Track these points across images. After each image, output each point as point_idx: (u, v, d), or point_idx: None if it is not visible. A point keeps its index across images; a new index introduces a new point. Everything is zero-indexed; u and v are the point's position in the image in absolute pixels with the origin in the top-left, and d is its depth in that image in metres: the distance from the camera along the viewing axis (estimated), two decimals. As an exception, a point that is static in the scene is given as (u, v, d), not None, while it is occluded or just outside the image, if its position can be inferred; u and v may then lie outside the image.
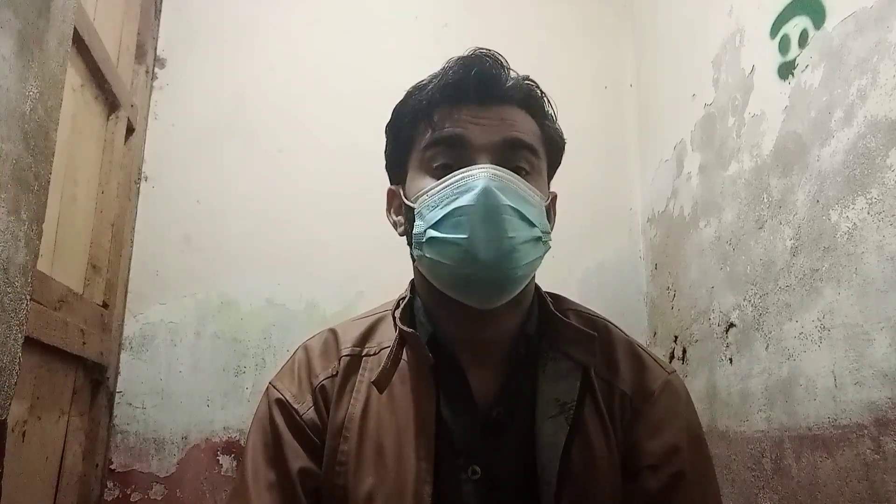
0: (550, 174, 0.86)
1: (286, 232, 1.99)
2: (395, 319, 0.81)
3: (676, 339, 1.82)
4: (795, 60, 1.30)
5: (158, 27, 2.09)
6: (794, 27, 1.31)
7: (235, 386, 1.86)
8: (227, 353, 1.89)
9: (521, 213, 0.73)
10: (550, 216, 0.83)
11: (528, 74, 0.82)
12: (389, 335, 0.82)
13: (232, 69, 2.09)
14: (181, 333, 1.89)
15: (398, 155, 0.84)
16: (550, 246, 0.79)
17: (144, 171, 1.99)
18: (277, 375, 0.85)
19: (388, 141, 0.87)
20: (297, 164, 2.04)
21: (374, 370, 0.80)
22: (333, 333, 0.86)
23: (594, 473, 0.75)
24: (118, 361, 1.83)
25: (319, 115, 2.08)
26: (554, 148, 0.85)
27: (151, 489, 1.77)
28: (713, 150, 1.64)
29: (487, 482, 0.75)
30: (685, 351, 1.76)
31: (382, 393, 0.77)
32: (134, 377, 1.83)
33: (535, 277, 0.83)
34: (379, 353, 0.82)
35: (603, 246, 2.11)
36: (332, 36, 2.16)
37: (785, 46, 1.33)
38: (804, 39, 1.27)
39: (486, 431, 0.76)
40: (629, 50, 2.28)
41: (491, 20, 2.22)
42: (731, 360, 1.51)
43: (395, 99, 0.86)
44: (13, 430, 1.22)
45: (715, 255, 1.60)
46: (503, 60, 0.80)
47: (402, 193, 0.82)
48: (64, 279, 1.43)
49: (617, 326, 0.88)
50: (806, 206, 1.24)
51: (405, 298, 0.84)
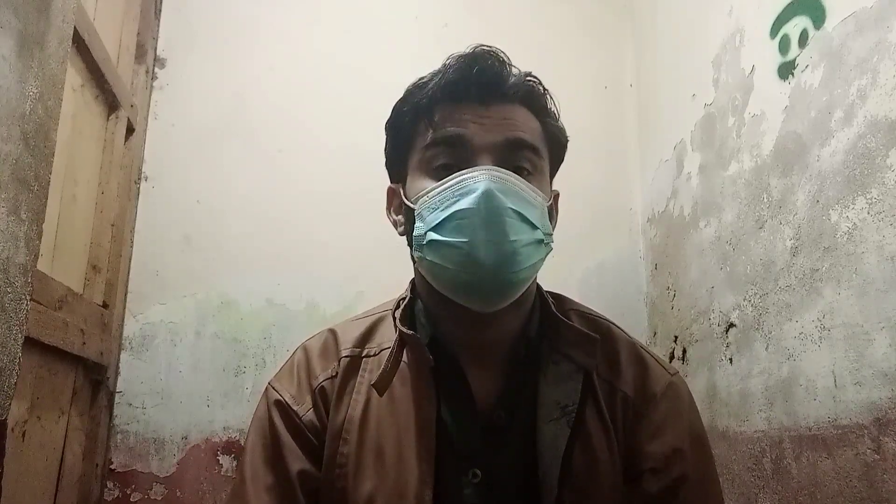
0: (553, 172, 0.84)
1: (286, 232, 1.99)
2: (395, 320, 0.80)
3: (676, 339, 1.82)
4: (795, 60, 1.30)
5: (158, 27, 2.09)
6: (794, 27, 1.31)
7: (235, 386, 1.86)
8: (227, 353, 1.89)
9: (522, 215, 0.72)
10: (553, 215, 0.82)
11: (530, 71, 0.81)
12: (390, 336, 0.81)
13: (232, 69, 2.09)
14: (181, 333, 1.89)
15: (398, 154, 0.83)
16: (552, 247, 0.78)
17: (144, 171, 1.99)
18: (276, 376, 0.84)
19: (387, 139, 0.85)
20: (297, 164, 2.04)
21: (374, 371, 0.79)
22: (333, 334, 0.85)
23: (595, 477, 0.74)
24: (118, 361, 1.83)
25: (319, 115, 2.08)
26: (556, 146, 0.83)
27: (151, 489, 1.77)
28: (713, 150, 1.64)
29: (488, 485, 0.74)
30: (685, 351, 1.76)
31: (382, 396, 0.76)
32: (134, 377, 1.84)
33: (536, 278, 0.82)
34: (379, 354, 0.81)
35: (603, 246, 2.11)
36: (332, 36, 2.16)
37: (785, 46, 1.33)
38: (804, 39, 1.27)
39: (486, 434, 0.76)
40: (629, 50, 2.28)
41: (491, 20, 2.22)
42: (731, 360, 1.51)
43: (395, 99, 0.85)
44: (13, 430, 1.22)
45: (715, 255, 1.60)
46: (505, 57, 0.78)
47: (402, 193, 0.81)
48: (64, 279, 1.43)
49: (619, 327, 0.87)
50: (806, 206, 1.24)
51: (405, 299, 0.83)
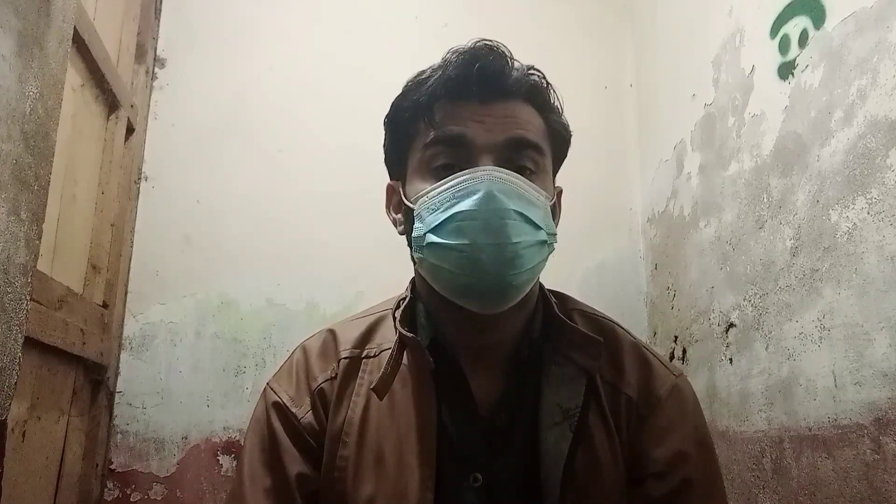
0: (556, 169, 0.82)
1: (286, 232, 1.99)
2: (395, 321, 0.79)
3: (676, 339, 1.82)
4: (795, 60, 1.29)
5: (158, 27, 2.09)
6: (794, 27, 1.30)
7: (235, 386, 1.86)
8: (227, 353, 1.89)
9: (525, 216, 0.70)
10: (556, 212, 0.80)
11: (532, 64, 0.79)
12: (390, 336, 0.79)
13: (232, 69, 2.09)
14: (181, 333, 1.89)
15: (397, 151, 0.81)
16: (555, 247, 0.76)
17: (144, 171, 1.99)
18: (275, 376, 0.83)
19: (386, 135, 0.83)
20: (297, 164, 2.04)
21: (374, 373, 0.78)
22: (332, 334, 0.83)
23: (598, 481, 0.73)
24: (118, 361, 1.83)
25: (319, 115, 2.08)
26: (560, 142, 0.81)
27: (151, 489, 1.77)
28: (713, 150, 1.64)
29: (489, 490, 0.73)
30: (685, 351, 1.76)
31: (382, 400, 0.75)
32: (134, 377, 1.84)
33: (539, 278, 0.81)
34: (379, 355, 0.80)
35: (603, 246, 2.11)
36: (332, 36, 2.16)
37: (785, 46, 1.33)
38: (804, 39, 1.27)
39: (488, 438, 0.75)
40: (629, 50, 2.28)
41: (491, 20, 2.22)
42: (731, 360, 1.51)
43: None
44: (13, 430, 1.22)
45: (715, 255, 1.60)
46: (507, 52, 0.76)
47: (401, 191, 0.80)
48: (64, 279, 1.43)
49: (623, 328, 0.85)
50: (806, 206, 1.24)
51: (405, 299, 0.81)
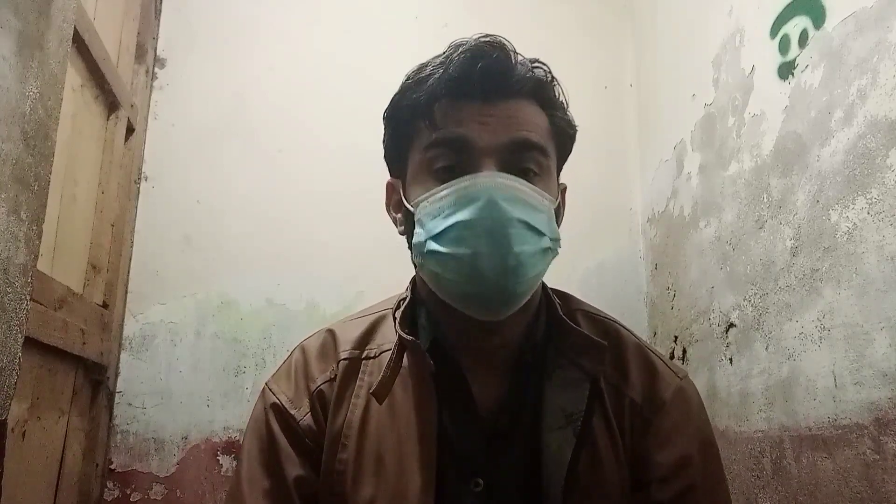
0: (560, 167, 0.81)
1: (286, 232, 1.99)
2: (395, 321, 0.78)
3: (676, 339, 1.82)
4: (795, 60, 1.29)
5: (158, 27, 2.09)
6: (794, 27, 1.30)
7: (235, 386, 1.86)
8: (227, 353, 1.89)
9: (528, 223, 0.68)
10: (560, 211, 0.79)
11: (537, 58, 0.77)
12: (390, 337, 0.78)
13: (232, 69, 2.09)
14: (181, 333, 1.89)
15: (397, 149, 0.79)
16: (559, 252, 0.74)
17: (144, 171, 1.99)
18: (274, 377, 0.82)
19: (386, 131, 0.81)
20: (297, 164, 2.04)
21: (374, 374, 0.77)
22: (332, 334, 0.82)
23: (602, 486, 0.73)
24: (118, 361, 1.83)
25: (319, 115, 2.08)
26: (564, 139, 0.79)
27: (151, 489, 1.77)
28: (713, 150, 1.64)
29: (490, 494, 0.72)
30: (685, 351, 1.76)
31: (382, 404, 0.74)
32: (134, 377, 1.84)
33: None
34: (379, 356, 0.79)
35: (603, 246, 2.11)
36: (332, 36, 2.16)
37: (785, 46, 1.33)
38: (804, 39, 1.27)
39: (489, 442, 0.74)
40: (629, 50, 2.28)
41: (491, 20, 2.22)
42: (731, 360, 1.51)
43: (395, 99, 0.83)
44: (13, 430, 1.22)
45: (715, 255, 1.60)
46: (510, 48, 0.74)
47: (401, 190, 0.78)
48: (64, 279, 1.43)
49: (627, 328, 0.84)
50: (806, 206, 1.24)
51: (405, 299, 0.80)
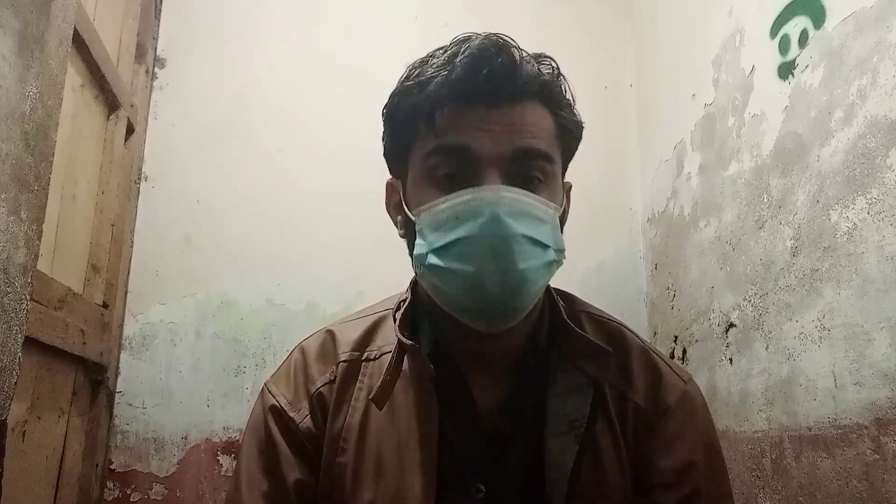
0: (565, 166, 0.79)
1: (286, 232, 1.99)
2: (395, 322, 0.76)
3: (676, 339, 1.82)
4: (795, 60, 1.29)
5: (158, 27, 2.09)
6: (794, 27, 1.30)
7: (235, 386, 1.86)
8: (227, 353, 1.89)
9: (532, 238, 0.67)
10: (565, 214, 0.77)
11: (542, 53, 0.74)
12: (391, 338, 0.77)
13: (232, 69, 2.09)
14: (181, 333, 1.89)
15: (397, 149, 0.77)
16: (563, 262, 0.73)
17: (144, 171, 1.99)
18: (273, 378, 0.81)
19: (385, 129, 0.78)
20: (297, 164, 2.04)
21: (374, 376, 0.76)
22: (331, 335, 0.81)
23: (605, 492, 0.72)
24: (118, 361, 1.83)
25: (319, 115, 2.08)
26: (570, 139, 0.78)
27: (151, 489, 1.77)
28: (713, 150, 1.64)
29: (492, 500, 0.71)
30: (685, 351, 1.76)
31: (381, 409, 0.73)
32: (134, 377, 1.84)
33: None
34: (379, 358, 0.77)
35: (603, 246, 2.11)
36: (332, 36, 2.16)
37: (785, 46, 1.33)
38: (804, 39, 1.27)
39: (491, 447, 0.73)
40: (629, 50, 2.28)
41: (491, 20, 2.19)
42: (731, 360, 1.51)
43: (395, 99, 0.82)
44: (13, 430, 1.22)
45: (715, 255, 1.60)
46: (515, 50, 0.71)
47: (401, 192, 0.76)
48: (64, 279, 1.43)
49: (631, 330, 0.83)
50: (806, 206, 1.24)
51: (405, 301, 0.79)
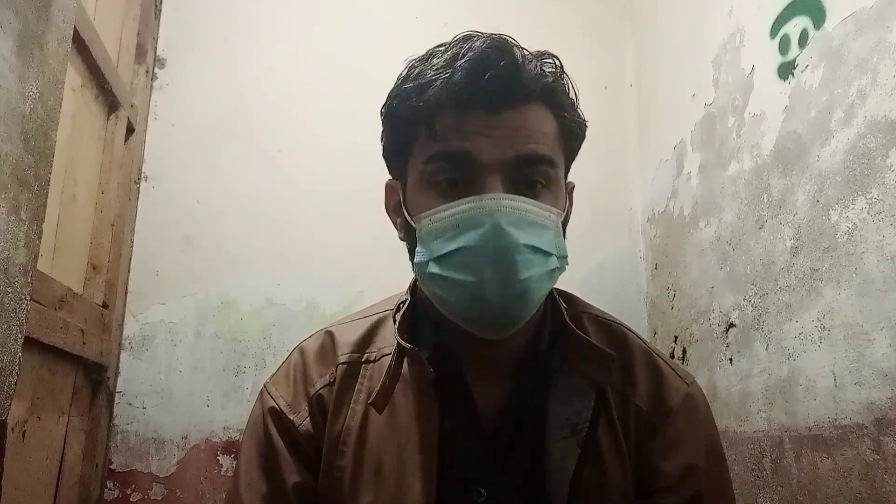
0: (568, 167, 0.78)
1: (286, 232, 1.99)
2: (395, 323, 0.77)
3: (676, 339, 1.82)
4: (795, 60, 1.29)
5: (158, 27, 2.09)
6: (794, 27, 1.30)
7: (235, 386, 1.86)
8: (227, 353, 1.89)
9: (535, 247, 0.66)
10: (567, 215, 0.76)
11: (546, 51, 0.73)
12: (391, 340, 0.76)
13: (232, 69, 2.09)
14: (181, 333, 1.89)
15: (396, 151, 0.76)
16: (566, 268, 0.72)
17: (144, 171, 1.99)
18: (273, 378, 0.81)
19: (384, 129, 0.77)
20: (297, 164, 2.04)
21: (373, 378, 0.75)
22: (330, 336, 0.80)
23: (607, 496, 0.71)
24: (118, 361, 1.83)
25: (319, 115, 2.08)
26: (573, 140, 0.77)
27: (151, 489, 1.77)
28: (713, 150, 1.64)
29: None
30: (685, 351, 1.76)
31: (381, 413, 0.72)
32: (134, 377, 1.84)
33: None
34: (379, 360, 0.77)
35: (603, 246, 2.11)
36: (332, 36, 2.16)
37: (785, 46, 1.33)
38: (804, 39, 1.27)
39: (492, 450, 0.72)
40: (629, 50, 2.28)
41: (491, 20, 2.20)
42: (731, 360, 1.51)
43: (394, 99, 0.82)
44: (13, 430, 1.22)
45: (715, 255, 1.60)
46: (517, 51, 0.69)
47: (401, 194, 0.75)
48: (64, 279, 1.43)
49: (634, 332, 0.83)
50: (806, 206, 1.24)
51: (405, 302, 0.78)
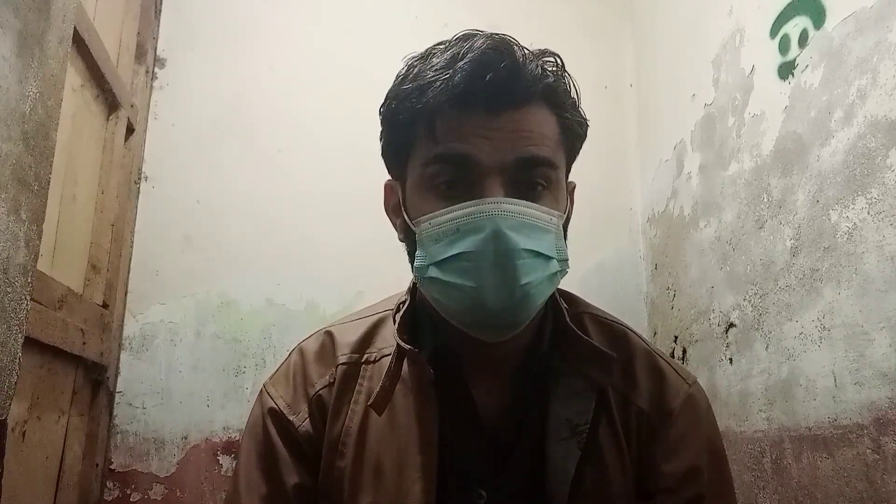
0: (569, 167, 0.78)
1: (286, 232, 1.99)
2: (395, 324, 0.76)
3: (676, 339, 1.82)
4: (795, 60, 1.30)
5: (158, 27, 2.09)
6: (794, 27, 1.31)
7: (235, 386, 1.86)
8: (227, 353, 1.89)
9: (535, 251, 0.66)
10: (568, 215, 0.75)
11: (546, 49, 0.72)
12: (391, 340, 0.76)
13: (232, 69, 2.09)
14: (181, 333, 1.89)
15: (395, 152, 0.75)
16: (568, 271, 0.71)
17: (144, 171, 1.99)
18: (272, 379, 0.81)
19: (383, 130, 0.76)
20: (297, 164, 2.04)
21: (373, 379, 0.75)
22: (330, 336, 0.80)
23: (608, 497, 0.71)
24: (118, 361, 1.83)
25: (319, 115, 2.08)
26: (574, 140, 0.76)
27: (151, 489, 1.77)
28: (713, 150, 1.64)
29: None
30: (685, 351, 1.76)
31: (381, 415, 0.72)
32: (134, 377, 1.84)
33: None
34: (379, 360, 0.76)
35: (603, 246, 2.11)
36: (332, 36, 2.16)
37: (785, 46, 1.33)
38: (804, 39, 1.27)
39: (492, 452, 0.72)
40: (629, 50, 2.28)
41: (491, 20, 2.20)
42: (731, 360, 1.51)
43: (394, 99, 0.81)
44: (13, 430, 1.22)
45: (715, 255, 1.60)
46: (518, 51, 0.68)
47: (400, 195, 0.75)
48: (64, 279, 1.43)
49: (635, 332, 0.82)
50: (806, 206, 1.24)
51: (405, 302, 0.77)
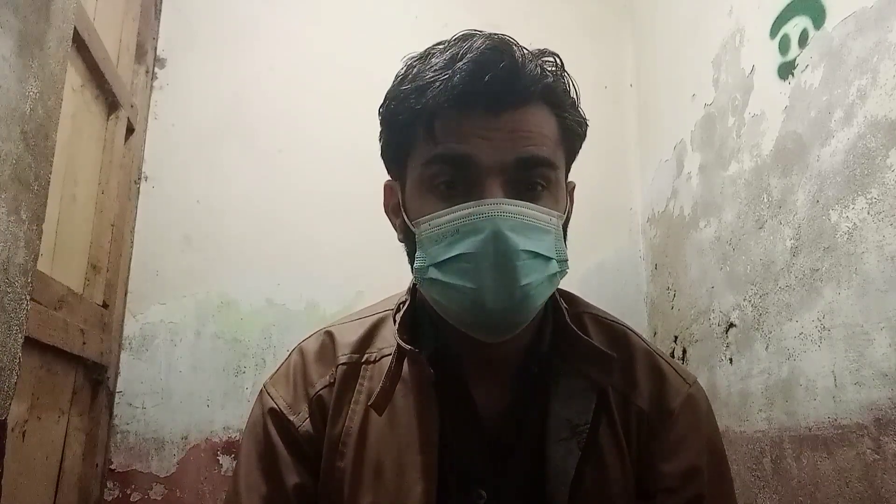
0: (569, 167, 0.78)
1: (286, 232, 1.99)
2: (395, 324, 0.76)
3: (676, 339, 1.82)
4: (795, 60, 1.30)
5: (158, 27, 2.09)
6: (794, 27, 1.31)
7: (235, 386, 1.86)
8: (227, 353, 1.89)
9: (535, 252, 0.66)
10: (568, 215, 0.75)
11: (546, 49, 0.72)
12: (391, 340, 0.76)
13: (232, 69, 2.09)
14: (181, 333, 1.89)
15: (395, 153, 0.75)
16: (567, 271, 0.71)
17: (144, 171, 1.99)
18: (272, 379, 0.81)
19: (382, 130, 0.76)
20: (297, 164, 2.04)
21: (373, 379, 0.75)
22: (330, 336, 0.80)
23: (608, 498, 0.71)
24: (118, 361, 1.83)
25: (319, 115, 2.08)
26: (574, 140, 0.77)
27: (151, 489, 1.77)
28: (713, 150, 1.64)
29: None
30: (685, 351, 1.76)
31: (381, 415, 0.72)
32: (134, 377, 1.84)
33: None
34: (380, 360, 0.76)
35: (603, 246, 2.11)
36: (332, 36, 2.16)
37: (785, 46, 1.33)
38: (804, 39, 1.27)
39: (492, 453, 0.72)
40: (629, 50, 2.28)
41: (490, 20, 2.21)
42: (731, 360, 1.51)
43: (394, 99, 0.81)
44: (13, 430, 1.22)
45: (715, 255, 1.60)
46: (517, 51, 0.68)
47: (399, 195, 0.75)
48: (64, 279, 1.43)
49: (636, 332, 0.82)
50: (806, 206, 1.24)
51: (405, 303, 0.77)
